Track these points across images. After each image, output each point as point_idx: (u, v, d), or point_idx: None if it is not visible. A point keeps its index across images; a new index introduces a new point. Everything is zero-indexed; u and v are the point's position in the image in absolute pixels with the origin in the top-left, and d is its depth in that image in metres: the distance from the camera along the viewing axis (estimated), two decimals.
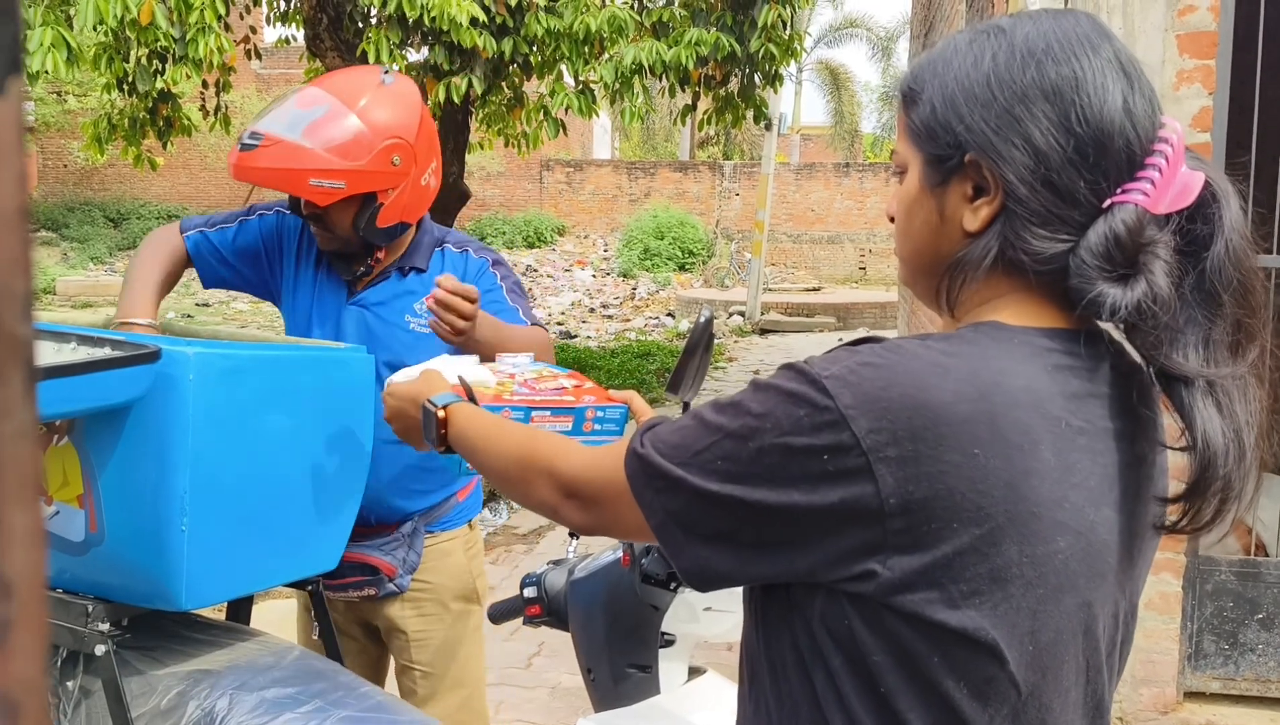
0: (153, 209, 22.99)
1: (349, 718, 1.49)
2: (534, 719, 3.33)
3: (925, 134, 0.86)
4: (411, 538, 2.01)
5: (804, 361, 0.82)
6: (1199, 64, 3.06)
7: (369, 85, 1.87)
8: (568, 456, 0.99)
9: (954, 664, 0.79)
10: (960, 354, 0.80)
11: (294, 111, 1.82)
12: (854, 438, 0.76)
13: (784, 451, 0.79)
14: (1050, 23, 0.84)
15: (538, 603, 1.54)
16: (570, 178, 23.23)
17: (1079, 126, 0.81)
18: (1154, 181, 0.81)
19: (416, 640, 2.05)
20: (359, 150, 1.80)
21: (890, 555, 0.77)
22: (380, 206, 1.85)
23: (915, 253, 0.90)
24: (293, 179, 1.78)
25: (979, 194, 0.84)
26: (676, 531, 0.85)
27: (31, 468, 0.17)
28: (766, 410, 0.80)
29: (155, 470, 1.46)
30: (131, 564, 1.49)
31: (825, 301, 16.15)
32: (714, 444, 0.83)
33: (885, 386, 0.77)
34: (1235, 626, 3.34)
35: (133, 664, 1.52)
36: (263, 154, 1.78)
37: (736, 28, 6.75)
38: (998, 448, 0.77)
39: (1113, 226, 0.80)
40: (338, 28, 6.58)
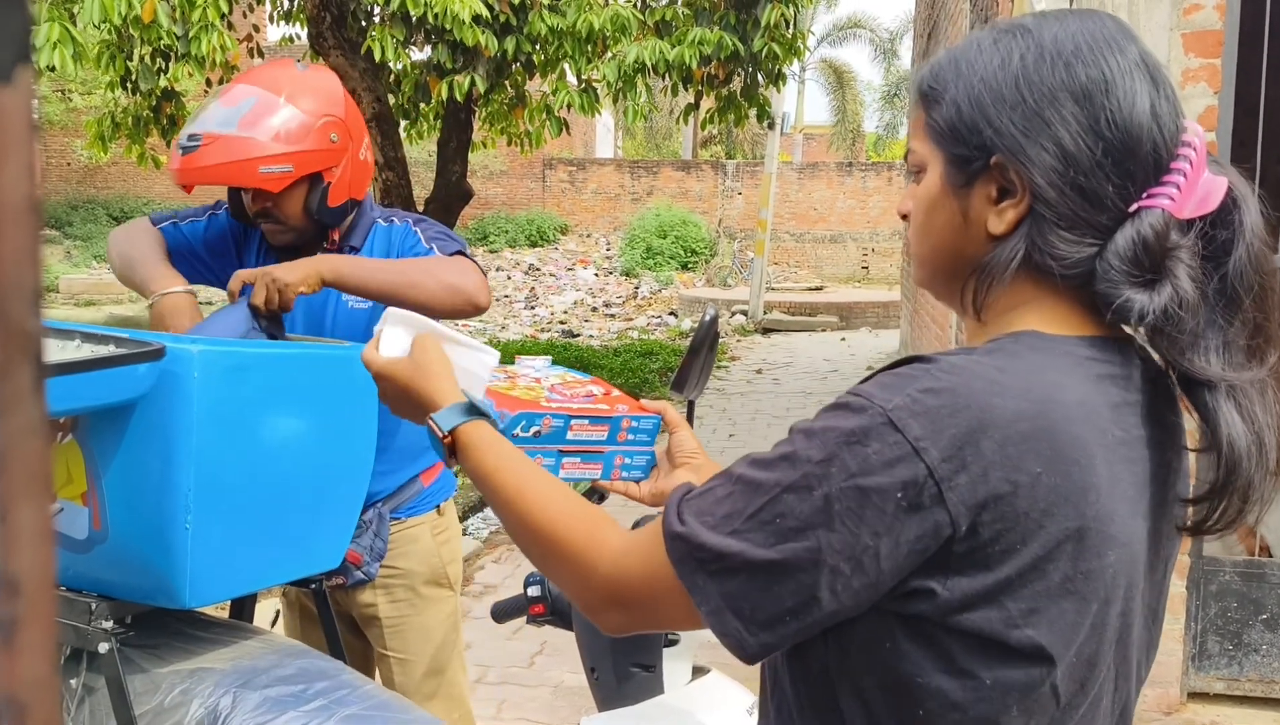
0: (155, 207, 23.00)
1: (352, 716, 1.49)
2: (537, 718, 3.33)
3: (949, 134, 0.85)
4: (377, 525, 2.02)
5: (856, 396, 0.78)
6: (1204, 63, 3.05)
7: (287, 74, 1.90)
8: (598, 551, 0.87)
9: (1007, 682, 0.78)
10: (1012, 370, 0.79)
11: (223, 110, 1.83)
12: (927, 470, 0.74)
13: (857, 495, 0.74)
14: (1077, 23, 0.83)
15: (541, 601, 1.54)
16: (573, 176, 23.23)
17: (1108, 130, 0.80)
18: (1179, 186, 0.81)
19: (390, 627, 2.07)
20: (299, 133, 1.83)
21: (951, 576, 0.76)
22: (328, 186, 1.89)
23: (934, 253, 0.89)
24: (241, 171, 1.79)
25: (1003, 196, 0.83)
26: (733, 620, 0.78)
27: (41, 464, 0.17)
28: (828, 454, 0.76)
29: (159, 468, 1.46)
30: (135, 561, 1.49)
31: (828, 301, 16.14)
32: (770, 503, 0.77)
33: (951, 413, 0.75)
34: (1239, 627, 3.34)
35: (136, 662, 1.52)
36: (206, 152, 1.79)
37: (740, 27, 6.75)
38: (1058, 465, 0.76)
39: (1140, 231, 0.80)
40: (341, 26, 6.58)
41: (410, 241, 2.01)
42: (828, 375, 10.49)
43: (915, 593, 0.77)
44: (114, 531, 1.49)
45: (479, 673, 3.63)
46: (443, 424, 1.02)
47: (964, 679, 0.78)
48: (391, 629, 2.07)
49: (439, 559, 2.11)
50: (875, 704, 0.80)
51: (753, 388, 9.73)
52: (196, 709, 1.47)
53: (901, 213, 0.93)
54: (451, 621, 2.15)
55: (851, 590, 0.76)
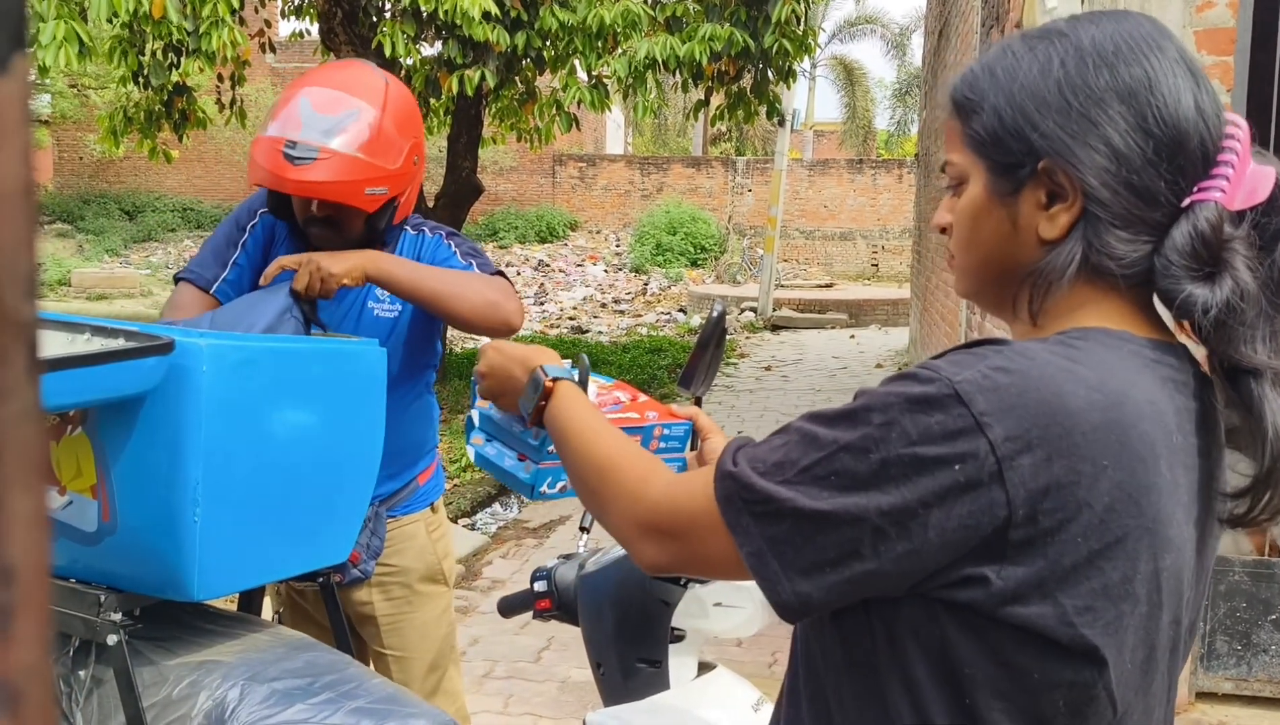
0: (168, 201, 23.10)
1: (359, 709, 1.49)
2: (543, 713, 3.34)
3: (992, 143, 0.85)
4: (374, 523, 2.01)
5: (926, 367, 0.78)
6: (1217, 60, 3.03)
7: (379, 82, 1.87)
8: (648, 482, 0.90)
9: (1057, 681, 0.77)
10: (1086, 362, 0.78)
11: (324, 119, 1.79)
12: (989, 445, 0.73)
13: (913, 463, 0.74)
14: (1113, 25, 0.83)
15: (548, 596, 1.54)
16: (583, 173, 23.22)
17: (1157, 127, 0.80)
18: (1228, 178, 0.81)
19: (386, 625, 2.06)
20: (394, 152, 1.82)
21: (1006, 564, 0.75)
22: (397, 206, 1.89)
23: (983, 264, 0.88)
24: (350, 190, 1.78)
25: (1053, 200, 0.83)
26: (773, 563, 0.78)
27: (35, 450, 0.17)
28: (890, 419, 0.75)
29: (168, 461, 1.46)
30: (144, 554, 1.50)
31: (837, 298, 16.11)
32: (826, 458, 0.77)
33: (1021, 392, 0.75)
34: (1248, 627, 3.32)
35: (145, 654, 1.53)
36: (321, 168, 1.76)
37: (750, 23, 6.74)
38: (1125, 460, 0.76)
39: (1197, 225, 0.80)
40: (352, 21, 6.59)
41: (444, 254, 2.00)
42: (837, 372, 10.47)
43: (968, 579, 0.76)
44: (123, 524, 1.50)
45: (486, 667, 3.64)
46: (550, 372, 1.12)
47: (1011, 672, 0.77)
48: (389, 627, 2.07)
49: (434, 555, 2.11)
50: (922, 693, 0.79)
51: (761, 385, 9.72)
52: (204, 701, 1.48)
53: (940, 226, 0.92)
54: (447, 617, 2.15)
55: (894, 554, 0.75)
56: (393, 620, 2.07)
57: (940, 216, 0.92)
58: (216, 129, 8.93)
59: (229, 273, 1.97)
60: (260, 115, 18.15)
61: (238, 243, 2.00)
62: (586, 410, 1.07)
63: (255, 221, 2.02)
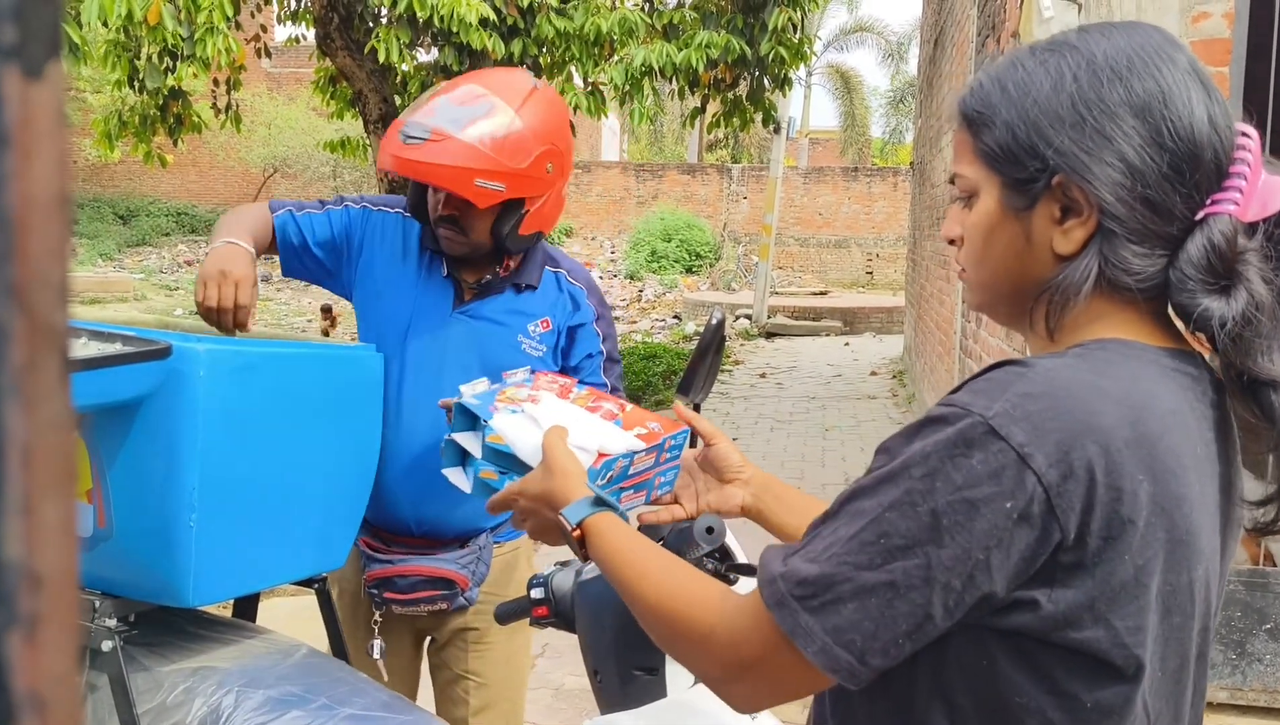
0: (162, 206, 23.07)
1: (354, 715, 1.49)
2: (537, 720, 3.33)
3: (1005, 157, 0.84)
4: (482, 551, 1.97)
5: (950, 406, 0.76)
6: (1212, 71, 3.04)
7: (523, 86, 1.83)
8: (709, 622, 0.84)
9: (1107, 704, 0.77)
10: (1109, 376, 0.78)
11: (454, 108, 1.74)
12: (1035, 477, 0.72)
13: (964, 508, 0.72)
14: (1124, 37, 0.83)
15: (545, 604, 1.53)
16: (578, 179, 23.25)
17: (1171, 141, 0.80)
18: (1241, 190, 0.81)
19: (477, 650, 2.01)
20: (521, 153, 1.75)
21: (1056, 588, 0.74)
22: (526, 214, 1.81)
23: (996, 278, 0.87)
24: (460, 177, 1.71)
25: (1067, 215, 0.82)
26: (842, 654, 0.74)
27: (66, 459, 0.17)
28: (930, 469, 0.73)
29: (164, 466, 1.46)
30: (139, 559, 1.49)
31: (832, 305, 16.13)
32: (873, 523, 0.74)
33: (1055, 416, 0.73)
34: (1243, 636, 3.33)
35: (139, 660, 1.52)
36: (431, 148, 1.70)
37: (747, 30, 6.76)
38: (1157, 473, 0.75)
39: (1211, 238, 0.79)
40: (348, 27, 6.59)
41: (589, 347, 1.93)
42: (831, 380, 10.48)
43: (1017, 603, 0.74)
44: (118, 529, 1.49)
45: None
46: (570, 518, 1.03)
47: (1063, 699, 0.76)
48: (478, 653, 2.02)
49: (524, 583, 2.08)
50: (966, 722, 0.78)
51: (756, 392, 9.73)
52: (199, 707, 1.47)
53: (948, 238, 0.91)
54: (528, 647, 2.10)
55: (964, 606, 0.74)
56: (485, 647, 2.02)
57: (949, 228, 0.91)
58: (211, 133, 8.92)
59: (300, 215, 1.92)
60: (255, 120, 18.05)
61: (325, 206, 1.96)
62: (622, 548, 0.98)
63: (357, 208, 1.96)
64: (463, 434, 1.23)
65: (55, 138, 0.16)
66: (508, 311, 1.89)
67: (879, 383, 10.25)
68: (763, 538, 4.05)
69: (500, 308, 1.89)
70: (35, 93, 0.16)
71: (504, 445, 1.17)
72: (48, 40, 0.16)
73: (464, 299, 1.90)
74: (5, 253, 0.15)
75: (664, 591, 0.90)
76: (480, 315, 1.88)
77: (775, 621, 0.77)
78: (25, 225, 0.16)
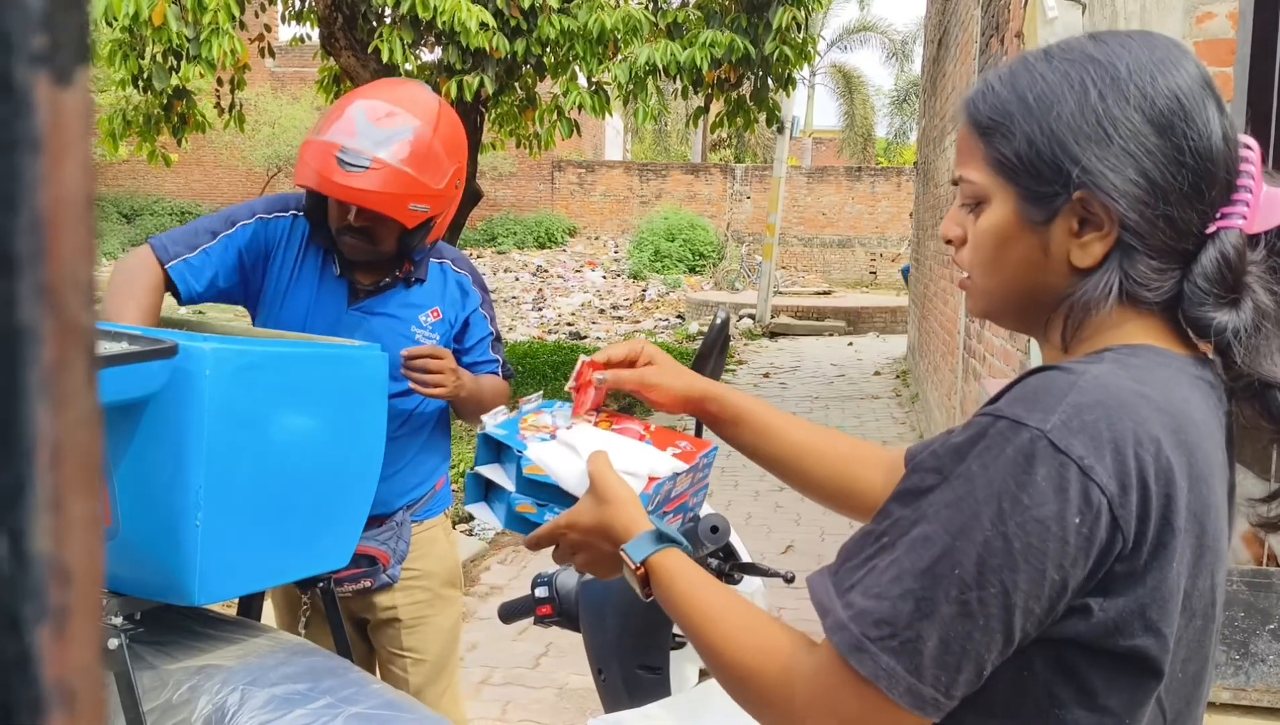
0: (166, 205, 23.11)
1: (359, 714, 1.49)
2: (541, 719, 3.33)
3: (1024, 170, 0.83)
4: (400, 528, 2.06)
5: (999, 417, 0.74)
6: (1217, 72, 3.04)
7: (433, 103, 1.92)
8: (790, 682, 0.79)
9: (1132, 704, 0.77)
10: (1149, 382, 0.77)
11: (379, 131, 1.82)
12: (1099, 489, 0.72)
13: (1037, 528, 0.71)
14: (1144, 50, 0.82)
15: (549, 603, 1.54)
16: (582, 179, 23.26)
17: (1192, 159, 0.80)
18: (1248, 203, 0.81)
19: (409, 626, 2.09)
20: (439, 173, 1.87)
21: (1109, 596, 0.74)
22: (432, 225, 1.93)
23: (1007, 288, 0.87)
24: (395, 203, 1.81)
25: (1084, 227, 0.82)
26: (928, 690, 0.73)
27: (94, 456, 0.17)
28: (996, 490, 0.72)
29: (170, 465, 1.46)
30: (145, 558, 1.50)
31: (835, 305, 16.13)
32: (944, 555, 0.72)
33: (1109, 425, 0.73)
34: (1246, 636, 3.32)
35: (145, 658, 1.53)
36: (373, 177, 1.79)
37: (751, 30, 6.76)
38: (1193, 480, 0.76)
39: (1224, 251, 0.80)
40: (352, 27, 6.60)
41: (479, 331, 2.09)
42: (834, 380, 10.48)
43: (1069, 611, 0.74)
44: (125, 527, 1.50)
45: (484, 674, 3.63)
46: (634, 556, 0.95)
47: (1093, 704, 0.76)
48: (410, 629, 2.10)
49: (453, 559, 2.17)
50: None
51: (759, 392, 9.73)
52: (204, 706, 1.48)
53: (946, 237, 0.91)
54: (459, 621, 2.21)
55: (1040, 624, 0.74)
56: (415, 622, 2.10)
57: (948, 228, 0.90)
58: (215, 133, 8.93)
59: (194, 257, 1.91)
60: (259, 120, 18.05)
61: (217, 234, 1.95)
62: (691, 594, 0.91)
63: (250, 223, 1.97)
64: (488, 467, 1.13)
65: (83, 141, 0.16)
66: (400, 305, 2.00)
67: (882, 382, 10.25)
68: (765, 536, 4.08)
69: (393, 302, 1.99)
70: (65, 99, 0.16)
71: (543, 476, 1.08)
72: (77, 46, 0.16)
73: (358, 297, 1.99)
74: (37, 254, 0.16)
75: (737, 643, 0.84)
76: (374, 311, 1.98)
77: (853, 666, 0.74)
78: (56, 227, 0.16)
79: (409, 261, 1.98)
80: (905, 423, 8.16)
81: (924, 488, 0.75)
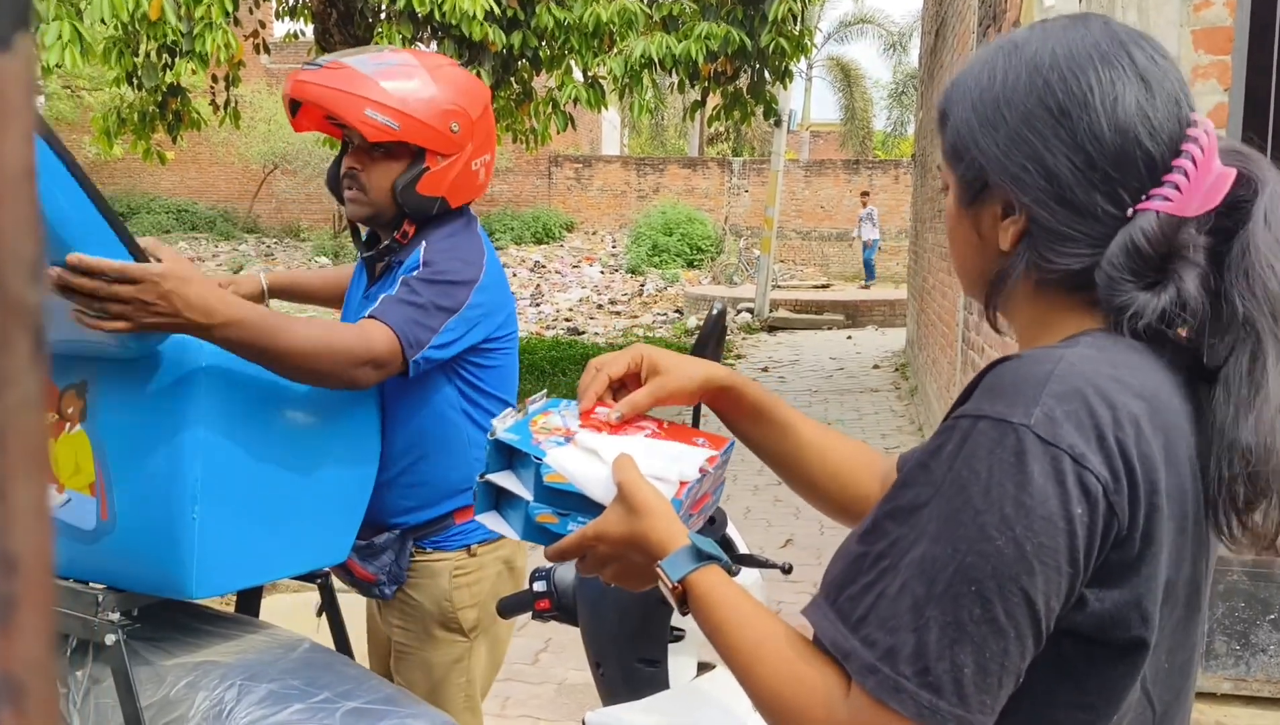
0: (162, 203, 23.08)
1: (357, 709, 1.49)
2: (540, 714, 3.33)
3: (954, 155, 0.86)
4: (398, 549, 1.89)
5: (982, 416, 0.73)
6: (1214, 60, 3.03)
7: (444, 63, 1.87)
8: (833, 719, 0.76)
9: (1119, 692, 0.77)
10: (1121, 365, 0.77)
11: (366, 55, 1.79)
12: (1093, 476, 0.71)
13: (1044, 526, 0.69)
14: (1060, 35, 0.82)
15: (547, 597, 1.53)
16: (579, 174, 23.24)
17: (1089, 144, 0.79)
18: (1179, 185, 0.79)
19: (397, 652, 1.96)
20: (422, 104, 1.76)
21: (1103, 587, 0.73)
22: (426, 170, 1.79)
23: (961, 269, 0.91)
24: (348, 104, 1.71)
25: (1007, 213, 0.83)
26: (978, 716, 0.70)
27: (38, 439, 0.17)
28: (997, 495, 0.70)
29: (167, 459, 1.46)
30: (142, 552, 1.49)
31: (834, 299, 16.12)
32: (958, 572, 0.70)
33: (1090, 414, 0.72)
34: (1247, 627, 3.32)
35: (142, 654, 1.52)
36: (325, 74, 1.72)
37: (747, 22, 6.75)
38: (1171, 465, 0.75)
39: (1132, 236, 0.79)
40: (347, 22, 6.59)
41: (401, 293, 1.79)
42: (834, 373, 10.47)
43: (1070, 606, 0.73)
44: (121, 522, 1.49)
45: None
46: (672, 575, 0.89)
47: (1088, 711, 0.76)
48: (398, 655, 1.96)
49: (450, 603, 1.92)
50: None
51: None
52: (202, 701, 1.47)
53: None
54: (458, 667, 1.96)
55: (1056, 618, 0.73)
56: (402, 649, 1.95)
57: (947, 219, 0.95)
58: (210, 130, 8.92)
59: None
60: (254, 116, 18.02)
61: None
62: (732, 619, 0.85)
63: None
64: (500, 474, 1.04)
65: (24, 111, 0.16)
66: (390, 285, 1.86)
67: (881, 376, 10.25)
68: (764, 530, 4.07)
69: (387, 285, 1.86)
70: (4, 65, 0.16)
71: (566, 484, 0.99)
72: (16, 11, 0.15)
73: (372, 282, 1.93)
74: None
75: (778, 674, 0.79)
76: (375, 297, 1.85)
77: (892, 708, 0.71)
78: None
79: (409, 221, 1.83)
80: (904, 416, 8.16)
81: (918, 503, 0.73)
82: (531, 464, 1.00)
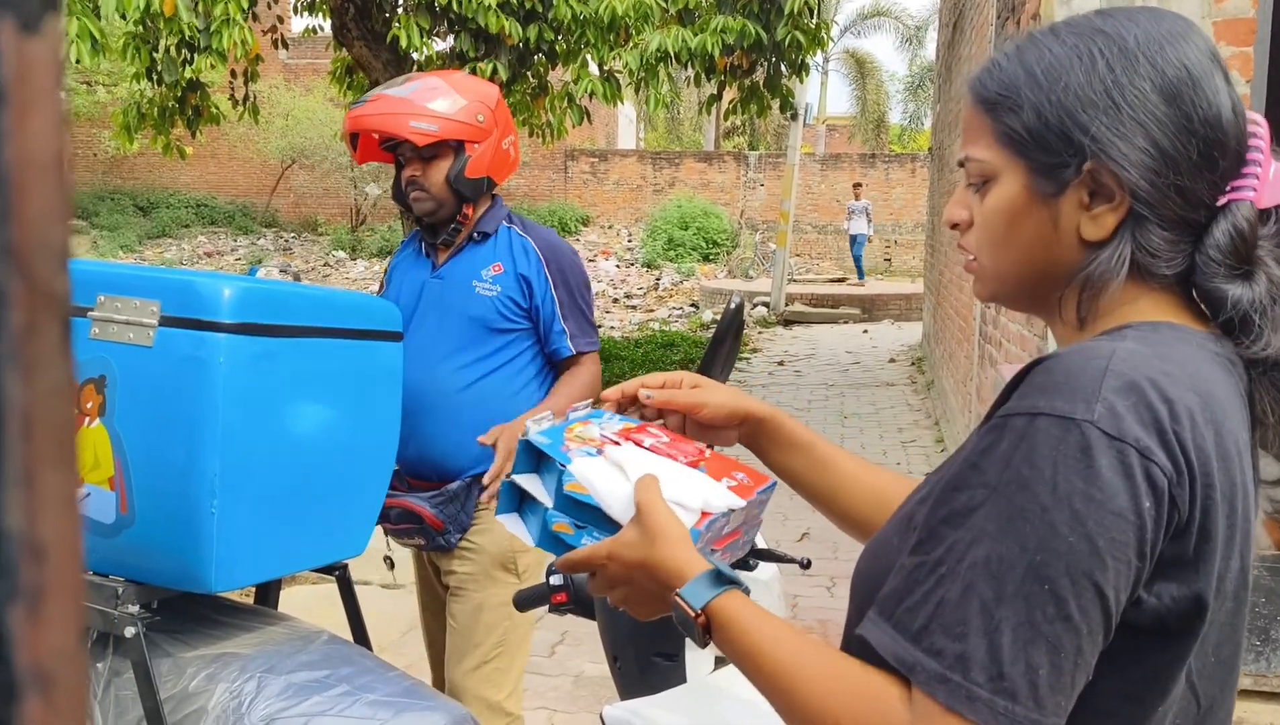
0: (182, 197, 23.20)
1: (376, 701, 1.50)
2: (557, 707, 3.34)
3: (1034, 143, 0.82)
4: (465, 498, 2.16)
5: (1039, 413, 0.71)
6: (1237, 51, 3.00)
7: (459, 75, 2.29)
8: None
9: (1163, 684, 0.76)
10: (1173, 360, 0.76)
11: (395, 86, 2.20)
12: (1160, 470, 0.70)
13: (1115, 520, 0.69)
14: (1150, 23, 0.82)
15: (564, 590, 1.53)
16: (595, 168, 23.22)
17: (1201, 128, 0.79)
18: (1258, 176, 0.80)
19: (453, 593, 2.20)
20: (450, 106, 2.16)
21: (1159, 580, 0.72)
22: (469, 158, 2.17)
23: (1019, 266, 0.85)
24: (395, 121, 2.12)
25: (1094, 200, 0.81)
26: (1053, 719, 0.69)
27: (66, 427, 0.17)
28: (1060, 494, 0.69)
29: (186, 452, 1.47)
30: (161, 546, 1.50)
31: (850, 293, 16.06)
32: (1029, 571, 0.68)
33: (1148, 407, 0.71)
34: (1267, 623, 3.30)
35: (162, 646, 1.53)
36: (371, 106, 2.16)
37: (763, 15, 6.72)
38: (1224, 461, 0.74)
39: (1236, 224, 0.79)
40: (364, 16, 6.60)
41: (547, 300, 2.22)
42: (850, 367, 10.44)
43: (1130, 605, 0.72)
44: (141, 516, 1.50)
45: None
46: (693, 602, 0.85)
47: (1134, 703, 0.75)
48: (454, 595, 2.21)
49: (510, 545, 2.20)
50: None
51: (774, 380, 9.70)
52: (221, 694, 1.48)
53: (952, 222, 0.89)
54: (506, 609, 2.09)
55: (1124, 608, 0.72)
56: (460, 590, 2.20)
57: (955, 212, 0.89)
58: (229, 125, 8.96)
59: None
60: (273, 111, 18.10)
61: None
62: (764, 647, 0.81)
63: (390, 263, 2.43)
64: (525, 476, 1.03)
65: (52, 95, 0.15)
66: (466, 264, 2.24)
67: (898, 370, 10.21)
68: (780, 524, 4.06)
69: (460, 263, 2.25)
70: (32, 48, 0.15)
71: (585, 495, 0.97)
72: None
73: (435, 268, 2.27)
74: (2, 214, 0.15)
75: (830, 693, 0.76)
76: (444, 275, 2.24)
77: (967, 717, 0.69)
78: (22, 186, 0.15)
79: (468, 205, 2.20)
80: (920, 410, 8.12)
81: (972, 505, 0.71)
82: (556, 470, 0.99)
